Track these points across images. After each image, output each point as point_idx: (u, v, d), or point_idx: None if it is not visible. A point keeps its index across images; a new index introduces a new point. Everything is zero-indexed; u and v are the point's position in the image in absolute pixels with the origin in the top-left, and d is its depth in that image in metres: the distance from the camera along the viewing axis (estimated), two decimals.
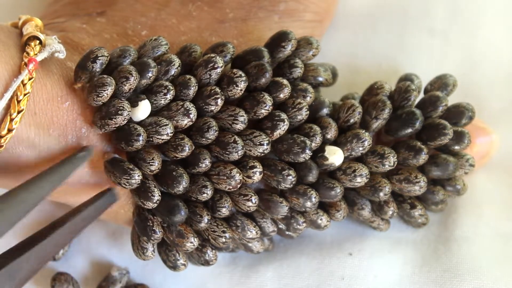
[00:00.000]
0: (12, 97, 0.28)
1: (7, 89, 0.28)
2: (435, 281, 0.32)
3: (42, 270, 0.35)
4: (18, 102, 0.28)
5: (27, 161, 0.29)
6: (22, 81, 0.28)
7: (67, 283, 0.35)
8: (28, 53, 0.29)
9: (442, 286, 0.32)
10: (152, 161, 0.29)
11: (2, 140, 0.28)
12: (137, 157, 0.30)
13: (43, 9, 0.37)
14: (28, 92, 0.28)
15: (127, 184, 0.29)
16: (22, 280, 0.26)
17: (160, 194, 0.30)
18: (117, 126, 0.29)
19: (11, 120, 0.28)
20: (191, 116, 0.30)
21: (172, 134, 0.29)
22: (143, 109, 0.29)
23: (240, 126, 0.30)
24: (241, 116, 0.30)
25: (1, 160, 0.29)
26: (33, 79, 0.28)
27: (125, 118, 0.29)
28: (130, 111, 0.29)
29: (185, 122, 0.30)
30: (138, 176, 0.29)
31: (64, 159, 0.29)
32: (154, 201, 0.30)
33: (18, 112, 0.28)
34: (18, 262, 0.26)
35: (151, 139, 0.29)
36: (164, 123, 0.29)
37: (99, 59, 0.29)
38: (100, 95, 0.29)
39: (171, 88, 0.30)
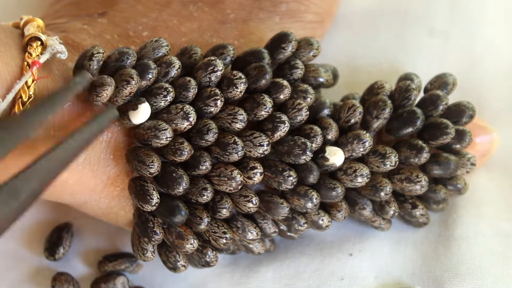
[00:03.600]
0: (15, 98, 0.28)
1: (9, 90, 0.27)
2: (435, 281, 0.32)
3: (42, 270, 0.36)
4: (23, 104, 0.28)
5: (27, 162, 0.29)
6: (26, 83, 0.28)
7: (67, 283, 0.34)
8: (30, 54, 0.29)
9: (442, 286, 0.32)
10: (151, 163, 0.29)
11: None
12: (136, 159, 0.30)
13: (44, 9, 0.37)
14: (31, 95, 0.28)
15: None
16: (27, 199, 0.25)
17: (158, 197, 0.30)
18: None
19: None
20: (190, 119, 0.30)
21: (171, 138, 0.29)
22: (143, 112, 0.29)
23: (239, 125, 0.30)
24: (240, 114, 0.30)
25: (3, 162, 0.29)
26: (35, 82, 0.28)
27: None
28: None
29: (184, 125, 0.30)
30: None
31: (61, 86, 0.28)
32: (153, 204, 0.30)
33: None
34: (17, 181, 0.25)
35: (150, 143, 0.29)
36: (163, 127, 0.29)
37: (95, 56, 0.29)
38: (99, 95, 0.29)
39: (171, 90, 0.30)
